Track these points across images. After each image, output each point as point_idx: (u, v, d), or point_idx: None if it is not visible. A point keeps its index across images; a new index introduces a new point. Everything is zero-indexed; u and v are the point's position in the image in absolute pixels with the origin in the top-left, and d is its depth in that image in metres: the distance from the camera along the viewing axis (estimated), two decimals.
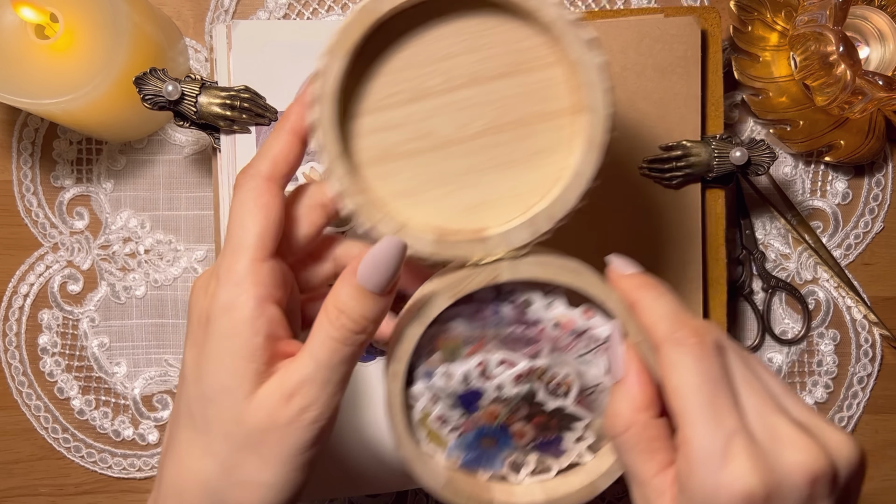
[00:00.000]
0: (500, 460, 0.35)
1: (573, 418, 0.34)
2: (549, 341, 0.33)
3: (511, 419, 0.34)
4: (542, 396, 0.33)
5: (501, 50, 0.31)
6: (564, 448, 0.35)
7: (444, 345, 0.33)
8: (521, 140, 0.32)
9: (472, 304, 0.33)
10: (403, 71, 0.31)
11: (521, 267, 0.32)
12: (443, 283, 0.32)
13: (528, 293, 0.33)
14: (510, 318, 0.33)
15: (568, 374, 0.33)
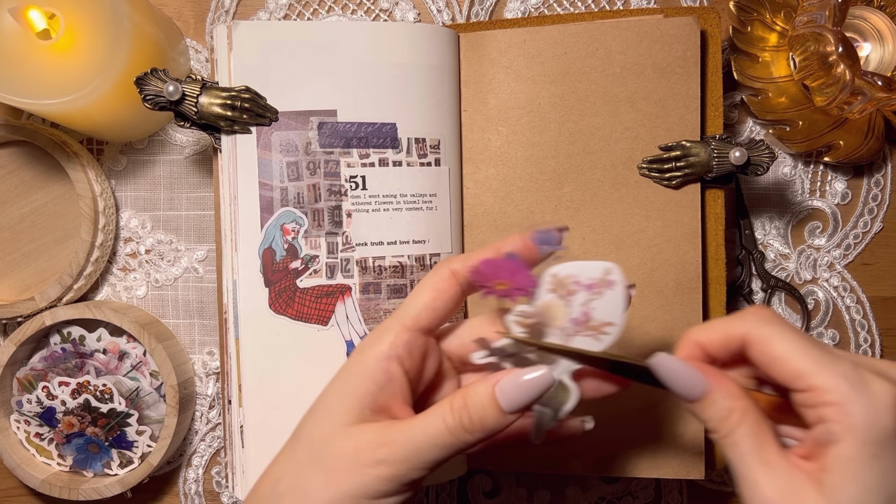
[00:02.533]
0: (99, 462, 0.52)
1: (125, 415, 0.50)
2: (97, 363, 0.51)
3: (83, 426, 0.51)
4: (94, 403, 0.50)
5: None
6: (131, 440, 0.51)
7: (23, 380, 0.51)
8: None
9: (45, 349, 0.51)
10: None
11: (58, 312, 0.49)
12: (13, 337, 0.49)
13: (79, 331, 0.51)
14: (70, 352, 0.51)
15: (105, 383, 0.50)
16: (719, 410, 0.30)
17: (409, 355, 0.32)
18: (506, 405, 0.30)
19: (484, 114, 0.48)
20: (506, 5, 0.53)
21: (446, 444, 0.30)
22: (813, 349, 0.29)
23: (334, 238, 0.45)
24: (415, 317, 0.33)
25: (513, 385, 0.30)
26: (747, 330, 0.30)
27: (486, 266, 0.31)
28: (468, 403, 0.30)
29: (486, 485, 0.54)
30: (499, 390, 0.30)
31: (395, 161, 0.46)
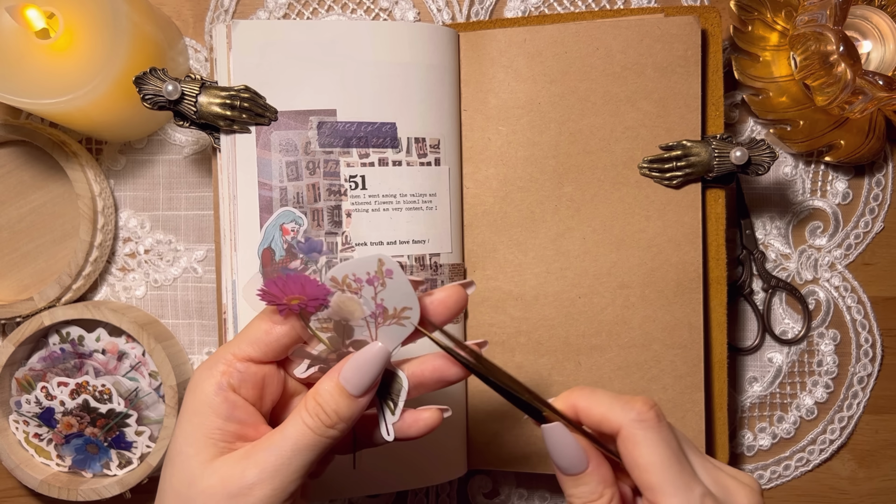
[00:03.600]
0: (98, 462, 0.51)
1: (124, 415, 0.50)
2: (96, 363, 0.50)
3: (82, 426, 0.51)
4: (93, 403, 0.50)
5: None
6: (130, 441, 0.50)
7: (22, 381, 0.51)
8: None
9: (44, 349, 0.51)
10: None
11: (57, 313, 0.49)
12: (12, 337, 0.49)
13: (78, 331, 0.51)
14: (69, 353, 0.51)
15: (104, 383, 0.50)
16: (588, 493, 0.31)
17: (245, 384, 0.33)
18: (353, 389, 0.32)
19: (484, 113, 0.48)
20: (506, 5, 0.53)
21: (312, 444, 0.31)
22: (672, 468, 0.30)
23: (334, 238, 0.45)
24: (244, 349, 0.33)
25: (353, 368, 0.32)
26: (623, 424, 0.31)
27: (273, 286, 0.31)
28: (320, 401, 0.31)
29: (486, 485, 0.54)
30: (342, 378, 0.32)
31: (395, 161, 0.46)
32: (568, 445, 0.32)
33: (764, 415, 0.54)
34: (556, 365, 0.48)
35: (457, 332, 0.48)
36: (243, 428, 0.32)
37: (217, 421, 0.32)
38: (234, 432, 0.32)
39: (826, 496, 0.54)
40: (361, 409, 0.32)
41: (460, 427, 0.48)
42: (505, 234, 0.48)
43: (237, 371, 0.32)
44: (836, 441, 0.54)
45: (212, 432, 0.32)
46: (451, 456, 0.47)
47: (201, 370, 0.33)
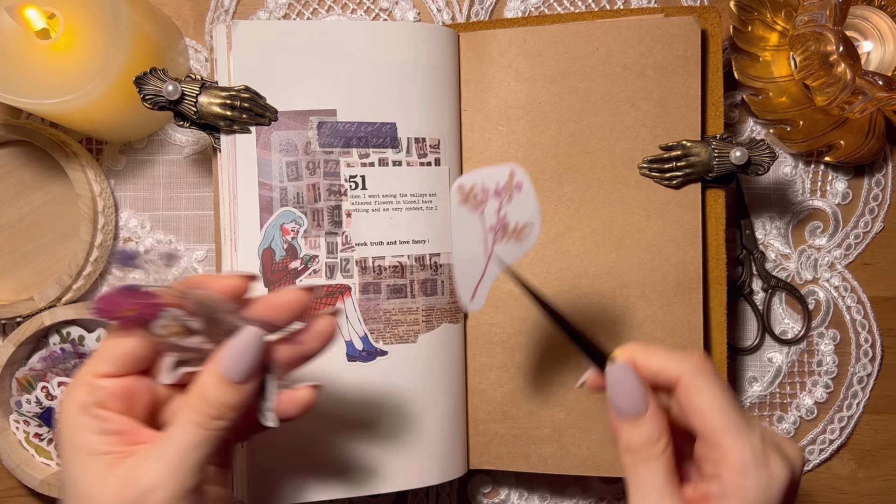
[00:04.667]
0: None
1: None
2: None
3: None
4: None
5: None
6: None
7: (22, 380, 0.51)
8: None
9: (44, 349, 0.51)
10: None
11: (57, 312, 0.49)
12: (12, 337, 0.49)
13: (79, 331, 0.50)
14: (70, 352, 0.50)
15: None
16: (646, 436, 0.32)
17: (109, 399, 0.32)
18: (235, 376, 0.31)
19: (484, 113, 0.48)
20: (506, 5, 0.53)
21: (203, 439, 0.31)
22: (733, 412, 0.31)
23: (334, 238, 0.45)
24: (100, 367, 0.33)
25: (230, 356, 0.31)
26: (683, 373, 0.32)
27: (104, 302, 0.31)
28: (203, 394, 0.31)
29: (486, 485, 0.54)
30: (222, 368, 0.31)
31: (395, 161, 0.46)
32: (633, 386, 0.32)
33: (764, 415, 0.54)
34: (555, 365, 0.48)
35: (458, 338, 0.48)
36: (125, 437, 0.32)
37: (93, 437, 0.31)
38: (117, 442, 0.32)
39: (826, 496, 0.54)
40: (248, 394, 0.32)
41: (460, 427, 0.48)
42: None
43: (98, 388, 0.32)
44: (835, 441, 0.54)
45: (93, 449, 0.31)
46: (451, 456, 0.47)
47: (64, 395, 0.33)
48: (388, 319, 0.46)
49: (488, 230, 0.31)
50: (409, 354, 0.46)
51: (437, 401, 0.47)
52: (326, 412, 0.45)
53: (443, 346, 0.47)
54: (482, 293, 0.37)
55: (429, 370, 0.46)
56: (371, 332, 0.45)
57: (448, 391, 0.47)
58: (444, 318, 0.47)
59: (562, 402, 0.48)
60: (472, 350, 0.49)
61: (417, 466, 0.46)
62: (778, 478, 0.31)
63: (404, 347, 0.46)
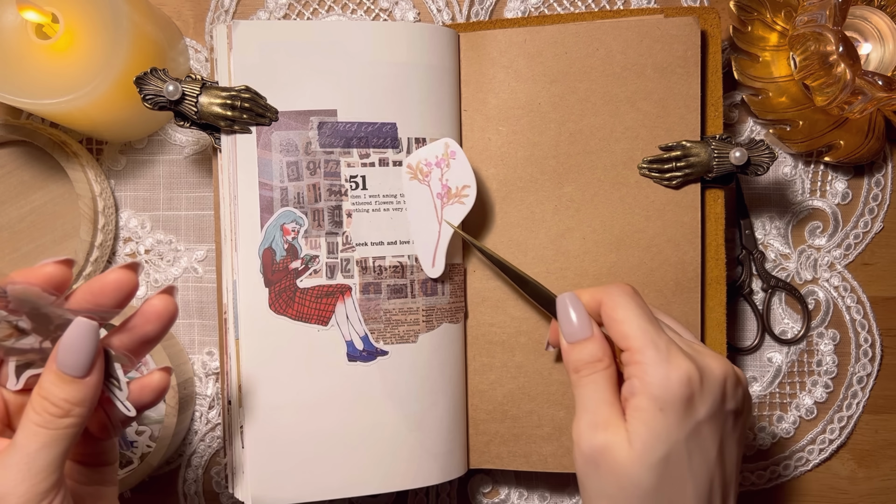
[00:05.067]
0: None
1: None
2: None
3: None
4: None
5: None
6: (130, 440, 0.51)
7: None
8: None
9: None
10: None
11: None
12: None
13: None
14: None
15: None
16: (590, 355, 0.37)
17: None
18: (74, 371, 0.31)
19: (484, 114, 0.48)
20: (506, 5, 0.53)
21: (50, 440, 0.30)
22: (643, 321, 0.36)
23: (334, 238, 0.45)
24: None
25: (65, 351, 0.30)
26: (605, 294, 0.38)
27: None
28: (45, 395, 0.31)
29: (486, 484, 0.54)
30: (59, 365, 0.30)
31: (396, 161, 0.46)
32: (578, 310, 0.38)
33: (763, 414, 0.54)
34: (556, 365, 0.48)
35: (458, 338, 0.48)
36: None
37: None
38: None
39: (825, 496, 0.54)
40: (94, 388, 0.31)
41: (460, 427, 0.48)
42: (505, 234, 0.48)
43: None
44: (835, 441, 0.54)
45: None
46: (451, 456, 0.47)
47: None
48: (389, 319, 0.46)
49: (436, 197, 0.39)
50: (409, 354, 0.46)
51: (438, 401, 0.47)
52: (327, 412, 0.45)
53: (443, 346, 0.47)
54: (440, 258, 0.45)
55: (429, 370, 0.46)
56: (371, 331, 0.45)
57: (448, 391, 0.47)
58: (444, 318, 0.47)
59: (562, 402, 0.48)
60: (472, 350, 0.49)
61: (417, 466, 0.46)
62: (679, 369, 0.35)
63: (405, 347, 0.46)
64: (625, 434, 0.35)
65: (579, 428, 0.36)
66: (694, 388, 0.35)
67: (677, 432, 0.34)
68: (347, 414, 0.45)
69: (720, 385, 0.36)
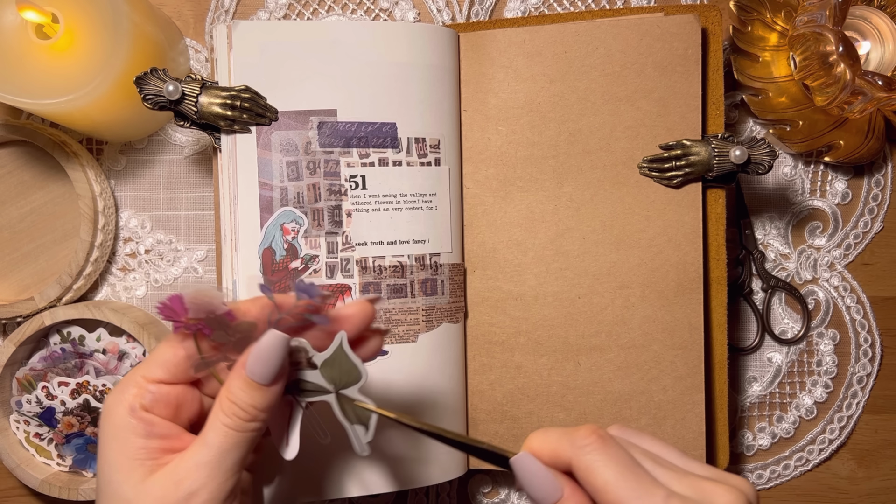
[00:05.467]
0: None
1: None
2: (96, 363, 0.50)
3: (83, 426, 0.51)
4: (94, 403, 0.50)
5: None
6: None
7: (23, 380, 0.51)
8: None
9: (45, 349, 0.51)
10: None
11: (58, 312, 0.49)
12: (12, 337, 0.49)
13: (79, 331, 0.51)
14: (70, 352, 0.51)
15: (105, 383, 0.50)
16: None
17: (158, 404, 0.33)
18: (261, 379, 0.32)
19: (484, 113, 0.48)
20: (506, 5, 0.53)
21: (237, 441, 0.32)
22: (628, 480, 0.30)
23: (334, 238, 0.45)
24: (153, 371, 0.33)
25: (256, 359, 0.32)
26: (573, 456, 0.31)
27: (175, 302, 0.32)
28: (233, 399, 0.32)
29: (486, 485, 0.54)
30: (248, 372, 0.32)
31: (395, 161, 0.46)
32: (539, 473, 0.31)
33: (763, 414, 0.54)
34: (555, 365, 0.48)
35: (457, 338, 0.48)
36: (167, 442, 0.32)
37: (138, 441, 0.32)
38: (159, 448, 0.32)
39: (825, 496, 0.54)
40: (276, 396, 0.33)
41: (460, 427, 0.48)
42: (505, 234, 0.48)
43: (149, 392, 0.33)
44: (835, 441, 0.54)
45: (136, 453, 0.32)
46: (451, 456, 0.47)
47: (113, 395, 0.33)
48: (389, 319, 0.46)
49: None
50: (409, 354, 0.46)
51: (437, 401, 0.47)
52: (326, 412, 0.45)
53: (443, 346, 0.47)
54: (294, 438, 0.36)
55: (429, 370, 0.46)
56: None
57: (448, 391, 0.47)
58: (444, 317, 0.47)
59: (561, 404, 0.48)
60: (471, 350, 0.49)
61: (417, 466, 0.46)
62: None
63: (404, 347, 0.46)
64: None
65: None
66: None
67: None
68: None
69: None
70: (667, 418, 0.47)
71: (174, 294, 0.32)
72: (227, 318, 0.32)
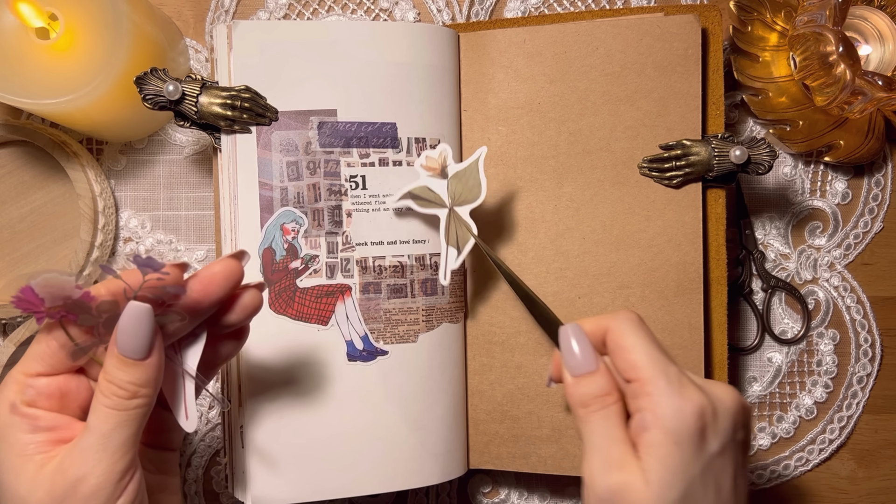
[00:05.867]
0: None
1: None
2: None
3: None
4: None
5: None
6: None
7: None
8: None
9: None
10: None
11: None
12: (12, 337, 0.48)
13: None
14: None
15: None
16: (598, 389, 0.35)
17: (41, 398, 0.32)
18: (134, 354, 0.31)
19: (484, 113, 0.48)
20: (506, 5, 0.53)
21: (119, 421, 0.31)
22: (653, 350, 0.35)
23: (334, 238, 0.45)
24: (31, 366, 0.33)
25: (122, 335, 0.31)
26: (611, 323, 0.36)
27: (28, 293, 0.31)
28: (110, 379, 0.31)
29: (486, 484, 0.54)
30: (119, 349, 0.31)
31: (396, 161, 0.46)
32: (583, 344, 0.36)
33: (763, 414, 0.54)
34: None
35: (458, 338, 0.48)
36: (55, 433, 0.32)
37: (24, 437, 0.31)
38: (47, 440, 0.32)
39: (825, 496, 0.54)
40: (156, 369, 0.32)
41: (460, 427, 0.48)
42: (505, 233, 0.48)
43: (29, 388, 0.32)
44: (835, 441, 0.54)
45: (23, 449, 0.31)
46: (451, 456, 0.47)
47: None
48: (389, 319, 0.46)
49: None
50: (409, 354, 0.46)
51: (438, 400, 0.47)
52: (326, 412, 0.45)
53: (443, 346, 0.47)
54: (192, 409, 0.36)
55: (429, 370, 0.46)
56: (371, 331, 0.45)
57: (448, 391, 0.47)
58: (444, 317, 0.47)
59: (561, 403, 0.48)
60: (472, 350, 0.49)
61: (417, 466, 0.46)
62: (691, 401, 0.33)
63: (405, 347, 0.46)
64: (640, 473, 0.33)
65: (591, 468, 0.34)
66: (707, 420, 0.33)
67: (693, 467, 0.33)
68: (347, 414, 0.45)
69: (732, 417, 0.34)
70: None
71: (25, 286, 0.31)
72: (86, 299, 0.32)
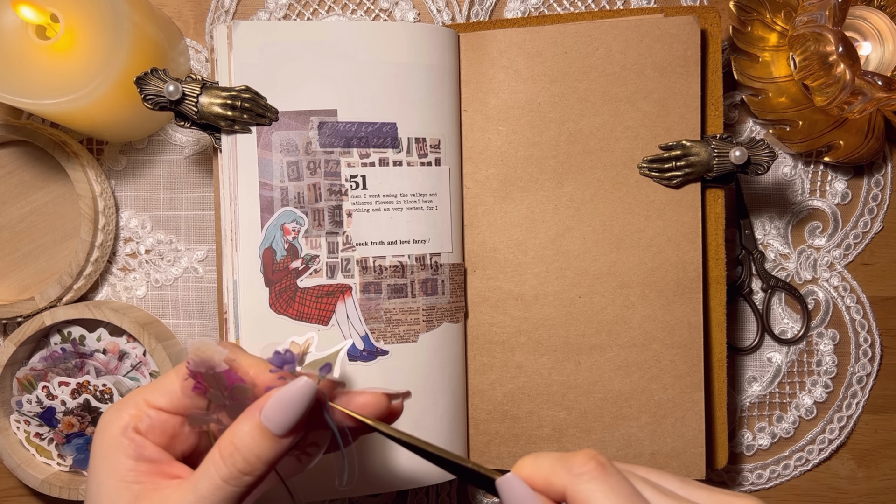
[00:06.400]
0: None
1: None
2: (97, 363, 0.50)
3: (83, 426, 0.51)
4: (94, 403, 0.50)
5: None
6: None
7: (23, 380, 0.51)
8: None
9: (45, 349, 0.51)
10: None
11: (58, 312, 0.49)
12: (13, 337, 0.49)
13: (80, 331, 0.51)
14: (70, 352, 0.51)
15: (105, 383, 0.50)
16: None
17: (153, 430, 0.32)
18: (277, 429, 0.29)
19: (484, 113, 0.48)
20: (506, 5, 0.53)
21: (230, 493, 0.29)
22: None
23: (335, 238, 0.45)
24: (156, 398, 0.32)
25: (277, 405, 0.29)
26: (568, 484, 0.28)
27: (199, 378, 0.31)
28: (238, 446, 0.29)
29: None
30: (264, 419, 0.29)
31: (396, 161, 0.46)
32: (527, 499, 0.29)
33: (763, 414, 0.54)
34: (555, 364, 0.48)
35: (458, 338, 0.48)
36: (157, 466, 0.31)
37: (127, 462, 0.30)
38: (147, 471, 0.31)
39: (825, 496, 0.54)
40: (285, 451, 0.30)
41: (460, 426, 0.48)
42: (505, 234, 0.48)
43: (147, 416, 0.31)
44: (835, 441, 0.54)
45: (124, 474, 0.30)
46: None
47: (110, 412, 0.32)
48: (389, 319, 0.46)
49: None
50: (409, 354, 0.46)
51: (438, 400, 0.47)
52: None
53: (443, 346, 0.47)
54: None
55: (429, 370, 0.46)
56: (372, 331, 0.46)
57: (448, 391, 0.47)
58: (444, 317, 0.47)
59: (562, 402, 0.48)
60: (472, 350, 0.49)
61: (417, 466, 0.46)
62: None
63: (405, 347, 0.46)
64: None
65: None
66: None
67: None
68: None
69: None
70: (667, 416, 0.47)
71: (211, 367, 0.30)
72: (226, 377, 0.31)
